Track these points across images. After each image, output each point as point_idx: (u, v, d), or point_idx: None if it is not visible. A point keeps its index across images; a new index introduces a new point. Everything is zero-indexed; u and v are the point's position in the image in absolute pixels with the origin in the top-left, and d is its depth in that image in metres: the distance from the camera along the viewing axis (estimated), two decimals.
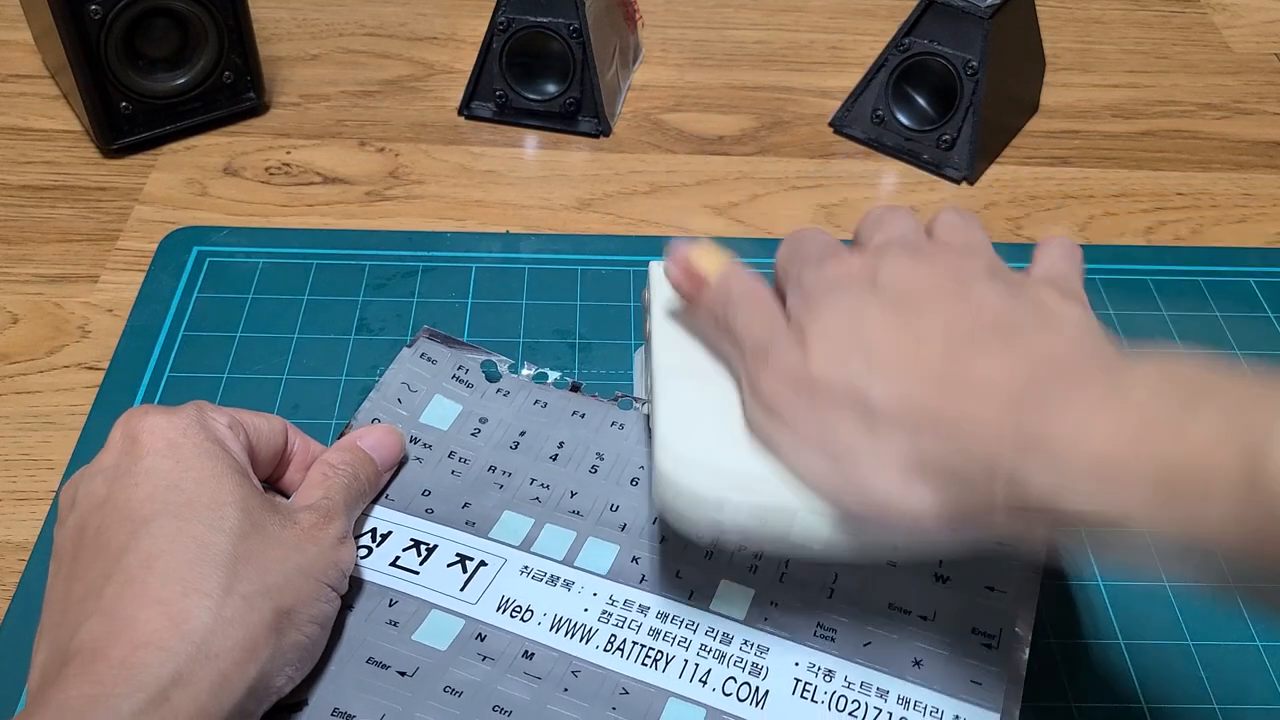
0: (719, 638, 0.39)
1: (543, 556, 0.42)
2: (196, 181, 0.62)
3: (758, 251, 0.58)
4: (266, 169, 0.63)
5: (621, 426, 0.47)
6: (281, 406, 0.49)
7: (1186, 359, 0.30)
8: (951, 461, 0.31)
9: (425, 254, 0.57)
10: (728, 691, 0.38)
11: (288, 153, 0.64)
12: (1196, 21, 0.81)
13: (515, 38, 0.64)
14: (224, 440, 0.37)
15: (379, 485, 0.43)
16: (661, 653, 0.39)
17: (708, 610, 0.40)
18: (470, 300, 0.55)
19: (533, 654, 0.38)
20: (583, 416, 0.47)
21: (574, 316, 0.54)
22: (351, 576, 0.39)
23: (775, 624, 0.40)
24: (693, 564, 0.41)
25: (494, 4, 0.64)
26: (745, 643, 0.39)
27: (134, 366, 0.50)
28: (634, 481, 0.45)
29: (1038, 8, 0.69)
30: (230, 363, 0.51)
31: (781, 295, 0.39)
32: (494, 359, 0.49)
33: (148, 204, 0.60)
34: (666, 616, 0.40)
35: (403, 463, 0.45)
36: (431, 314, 0.54)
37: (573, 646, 0.39)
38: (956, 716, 0.37)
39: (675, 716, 0.37)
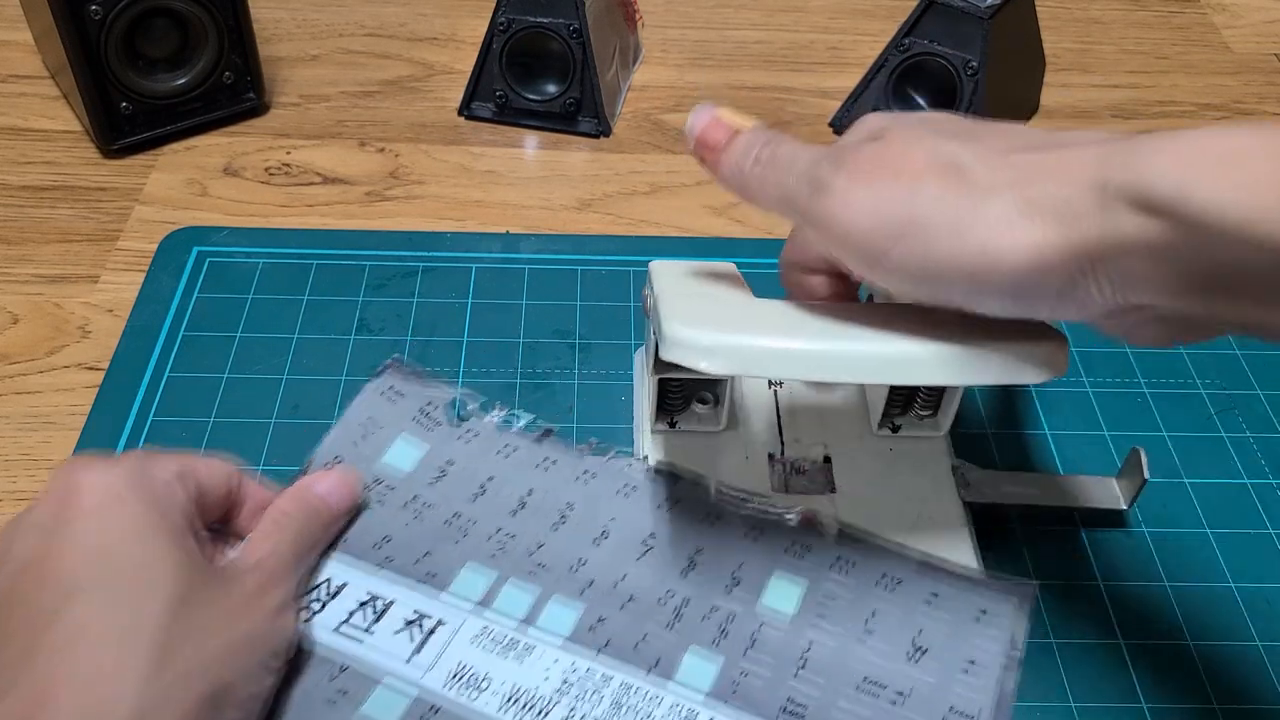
0: (683, 713, 0.37)
1: (502, 615, 0.40)
2: (196, 182, 0.62)
3: (758, 252, 0.58)
4: (266, 169, 0.63)
5: (593, 476, 0.44)
6: (281, 406, 0.49)
7: None
8: (1061, 194, 0.29)
9: (425, 254, 0.57)
10: None
11: (288, 153, 0.64)
12: (1196, 22, 0.81)
13: (515, 38, 0.64)
14: (167, 495, 0.35)
15: (333, 533, 0.41)
16: None
17: (672, 682, 0.38)
18: (470, 300, 0.55)
19: None
20: (553, 464, 0.45)
21: (574, 316, 0.54)
22: (300, 639, 0.38)
23: (742, 699, 0.37)
24: (660, 626, 0.39)
25: (494, 4, 0.64)
26: None
27: (134, 367, 0.50)
28: (603, 536, 0.42)
29: (1038, 8, 0.69)
30: (230, 363, 0.51)
31: None
32: (463, 396, 0.48)
33: (148, 204, 0.60)
34: (629, 688, 0.37)
35: (362, 506, 0.43)
36: (431, 314, 0.54)
37: None
38: None
39: None
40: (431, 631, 0.39)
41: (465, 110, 0.68)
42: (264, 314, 0.53)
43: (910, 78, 0.65)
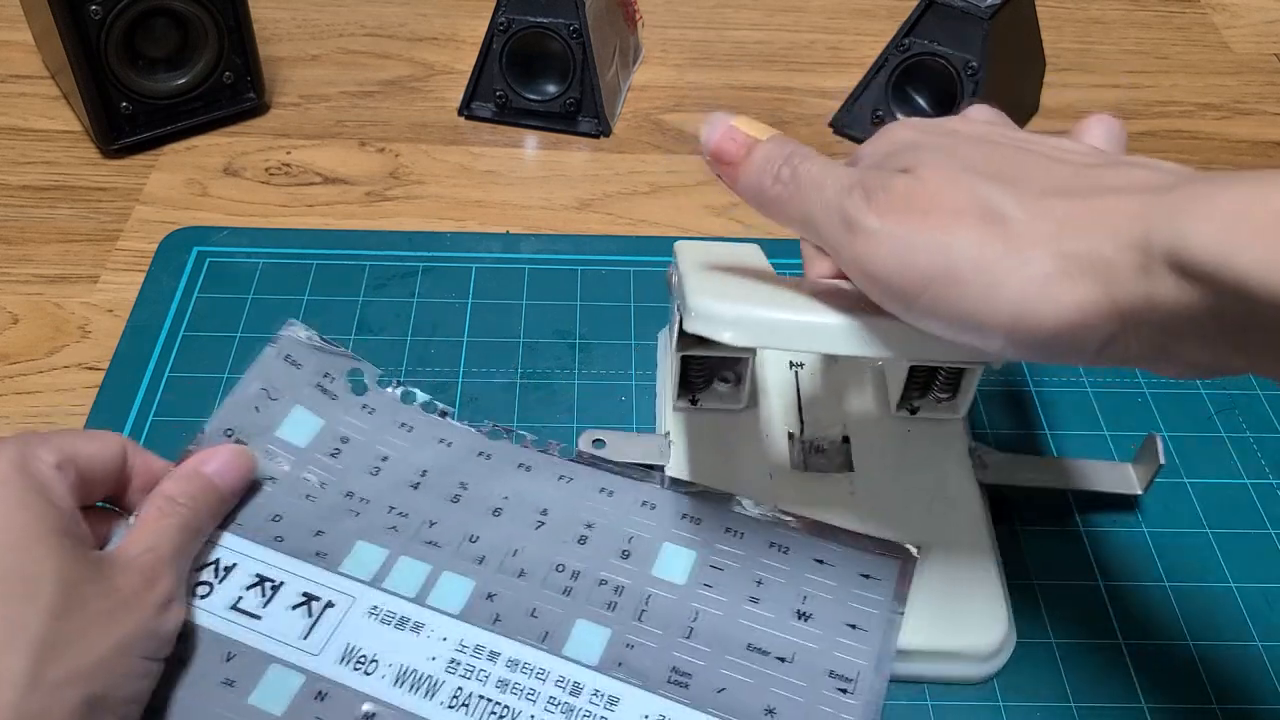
0: (569, 688, 0.37)
1: (393, 594, 0.40)
2: (197, 182, 0.62)
3: None
4: (266, 169, 0.63)
5: (489, 457, 0.45)
6: None
7: None
8: (1103, 255, 0.28)
9: (425, 254, 0.57)
10: None
11: (288, 153, 0.64)
12: (1196, 21, 0.81)
13: (515, 38, 0.64)
14: (47, 486, 0.34)
15: (222, 515, 0.41)
16: (508, 708, 0.37)
17: (560, 656, 0.38)
18: (470, 300, 0.55)
19: (372, 715, 0.36)
20: (449, 445, 0.45)
21: (574, 316, 0.54)
22: (190, 623, 0.38)
23: (629, 669, 0.38)
24: (551, 600, 0.40)
25: (494, 4, 0.64)
26: (595, 693, 0.37)
27: (134, 367, 0.50)
28: (496, 512, 0.43)
29: (1038, 8, 0.69)
30: (230, 363, 0.51)
31: None
32: (362, 367, 0.47)
33: (148, 204, 0.60)
34: (517, 664, 0.38)
35: (255, 483, 0.42)
36: (431, 314, 0.54)
37: (416, 704, 0.37)
38: None
39: None
40: (323, 612, 0.39)
41: (465, 110, 0.68)
42: (264, 314, 0.53)
43: (910, 78, 0.65)
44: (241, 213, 0.60)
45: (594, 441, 0.45)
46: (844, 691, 0.37)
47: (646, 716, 0.37)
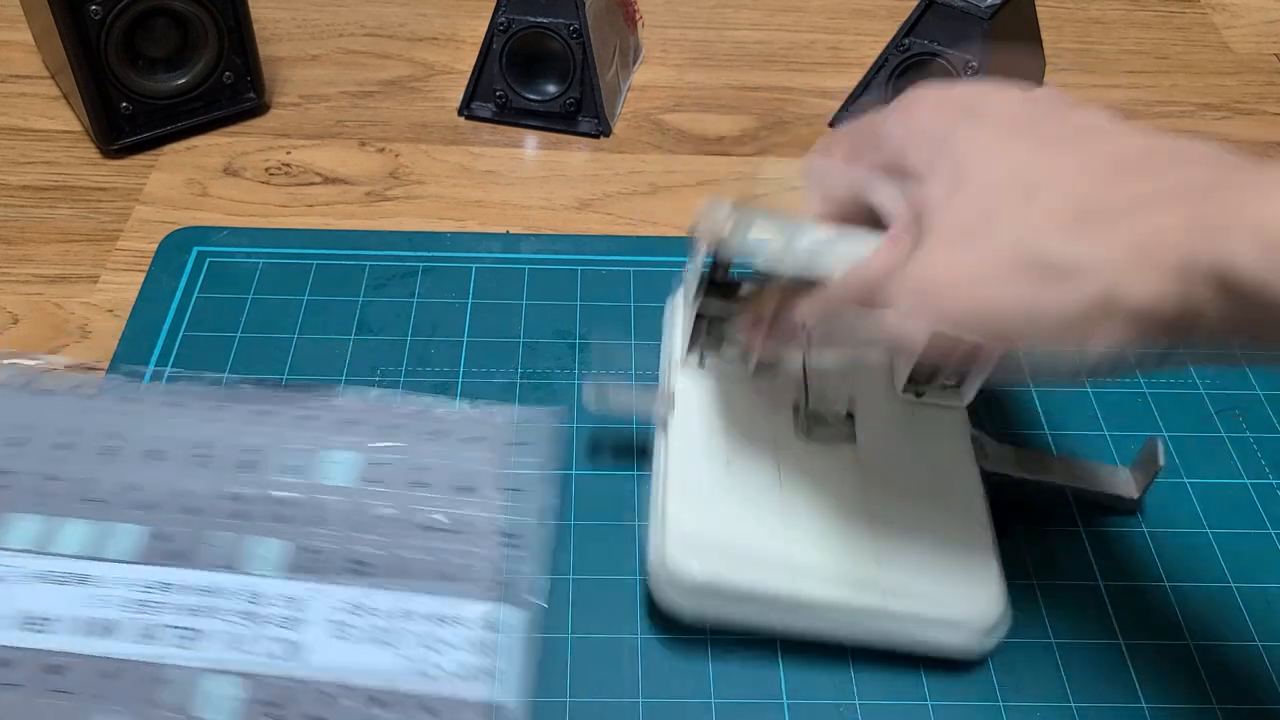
0: (251, 599, 0.39)
1: (61, 555, 0.40)
2: (197, 182, 0.62)
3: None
4: (266, 169, 0.63)
5: (137, 401, 0.45)
6: None
7: None
8: (1150, 285, 0.29)
9: (425, 254, 0.57)
10: (263, 652, 0.38)
11: (288, 153, 0.64)
12: (1196, 22, 0.81)
13: (515, 38, 0.64)
14: None
15: None
16: (197, 630, 0.39)
17: (242, 573, 0.40)
18: (470, 300, 0.55)
19: (60, 666, 0.37)
20: (91, 398, 0.46)
21: (574, 316, 0.54)
22: None
23: (311, 570, 0.40)
24: (225, 527, 0.42)
25: (494, 4, 0.64)
26: (279, 596, 0.40)
27: (134, 367, 0.50)
28: (155, 456, 0.44)
29: (1038, 8, 0.69)
30: (230, 363, 0.51)
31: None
32: None
33: (148, 204, 0.60)
34: (200, 590, 0.40)
35: None
36: (431, 314, 0.54)
37: (102, 646, 0.38)
38: (486, 619, 0.39)
39: (212, 692, 0.37)
40: None
41: (465, 110, 0.68)
42: (264, 314, 0.53)
43: (910, 77, 0.65)
44: (241, 213, 0.60)
45: (596, 389, 0.46)
46: (514, 548, 0.42)
47: (332, 606, 0.39)
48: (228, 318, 0.53)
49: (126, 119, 0.62)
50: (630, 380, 0.51)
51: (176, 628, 0.38)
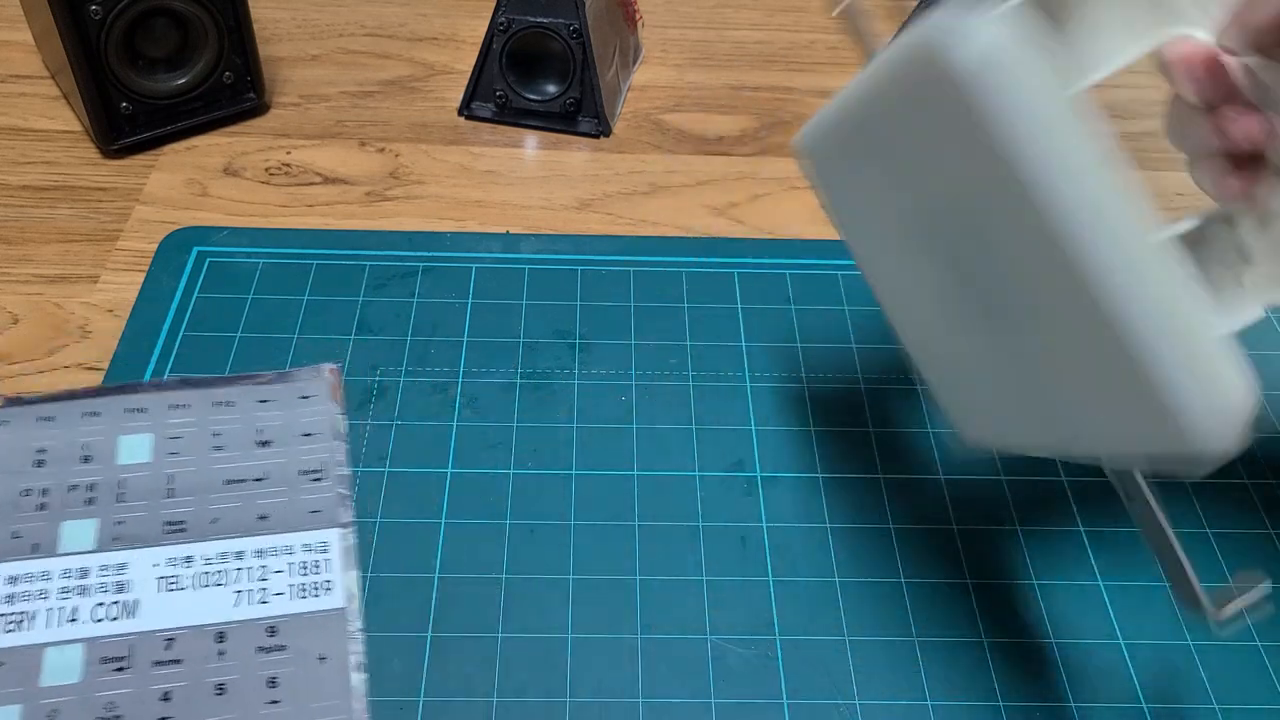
0: (75, 574, 0.41)
1: None
2: (197, 182, 0.62)
3: (758, 252, 0.58)
4: (266, 169, 0.63)
5: None
6: None
7: None
8: None
9: (425, 254, 0.57)
10: (98, 617, 0.40)
11: (288, 153, 0.64)
12: None
13: (515, 38, 0.64)
14: None
15: None
16: (22, 613, 0.40)
17: (57, 555, 0.42)
18: (470, 300, 0.55)
19: None
20: None
21: (574, 316, 0.54)
22: None
23: (127, 540, 0.42)
24: (29, 520, 0.43)
25: (494, 4, 0.64)
26: (103, 567, 0.41)
27: (134, 367, 0.50)
28: None
29: None
30: (230, 363, 0.51)
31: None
32: None
33: (148, 204, 0.60)
34: (16, 579, 0.41)
35: None
36: (431, 314, 0.54)
37: None
38: (305, 544, 0.42)
39: (55, 665, 0.39)
40: None
41: (465, 110, 0.68)
42: (264, 314, 0.53)
43: None
44: (241, 213, 0.60)
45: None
46: (317, 481, 0.45)
47: (156, 564, 0.42)
48: (228, 318, 0.53)
49: (126, 119, 0.62)
50: None
51: (3, 615, 0.40)
